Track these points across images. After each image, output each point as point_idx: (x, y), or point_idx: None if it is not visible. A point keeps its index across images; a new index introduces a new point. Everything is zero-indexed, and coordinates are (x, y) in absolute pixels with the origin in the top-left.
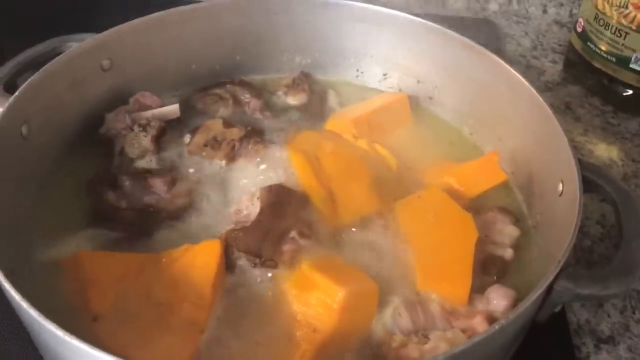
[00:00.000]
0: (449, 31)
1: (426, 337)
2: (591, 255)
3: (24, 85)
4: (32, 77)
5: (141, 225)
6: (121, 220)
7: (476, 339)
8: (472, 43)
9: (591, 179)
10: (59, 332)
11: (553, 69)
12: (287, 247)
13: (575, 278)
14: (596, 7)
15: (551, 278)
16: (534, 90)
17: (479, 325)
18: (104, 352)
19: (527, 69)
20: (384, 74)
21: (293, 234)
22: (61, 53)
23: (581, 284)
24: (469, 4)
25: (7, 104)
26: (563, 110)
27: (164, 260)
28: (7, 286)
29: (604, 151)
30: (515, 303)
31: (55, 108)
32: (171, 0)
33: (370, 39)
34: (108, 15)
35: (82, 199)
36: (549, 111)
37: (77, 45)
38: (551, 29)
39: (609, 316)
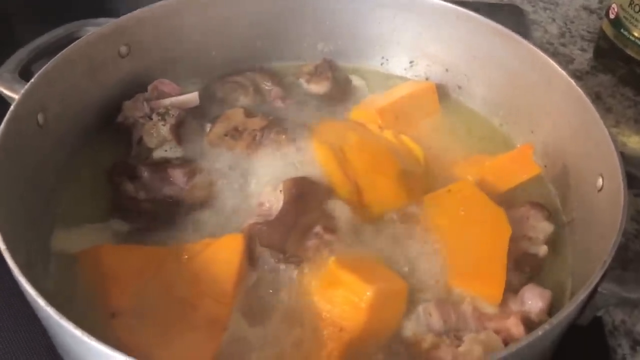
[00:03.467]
0: (479, 17)
1: (458, 339)
2: (626, 253)
3: (39, 72)
4: (48, 64)
5: (160, 217)
6: (140, 212)
7: (516, 346)
8: (504, 29)
9: (634, 174)
10: (77, 332)
11: (582, 57)
12: (311, 243)
13: (621, 280)
14: None
15: (596, 280)
16: (571, 79)
17: (514, 327)
18: (122, 354)
19: (554, 57)
20: (411, 62)
21: (317, 228)
22: (78, 38)
23: (628, 288)
24: None
25: (22, 91)
26: (593, 100)
27: (184, 254)
28: (23, 281)
29: (637, 144)
30: (550, 303)
31: (72, 95)
32: None
33: (396, 25)
34: None
35: (100, 188)
36: (588, 101)
37: (95, 30)
38: (580, 15)
39: None
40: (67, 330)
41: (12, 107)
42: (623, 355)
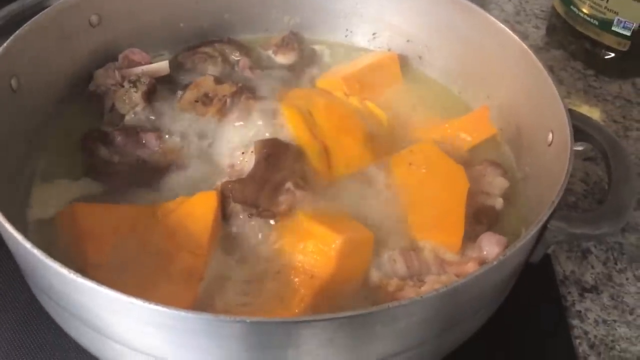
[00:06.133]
0: None
1: (421, 281)
2: (576, 210)
3: (12, 37)
4: (19, 29)
5: (134, 179)
6: (114, 174)
7: (475, 273)
8: (464, 0)
9: (581, 128)
10: (64, 271)
11: (536, 34)
12: (283, 198)
13: (568, 219)
14: None
15: (545, 218)
16: (525, 45)
17: (472, 270)
18: (112, 290)
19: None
20: (374, 34)
21: (289, 185)
22: (49, 7)
23: (574, 224)
24: None
25: None
26: None
27: (159, 212)
28: (8, 227)
29: (587, 113)
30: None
31: (44, 62)
32: None
33: None
34: None
35: (74, 153)
36: (540, 65)
37: None
38: None
39: (592, 267)
40: (54, 271)
41: None
42: (572, 301)
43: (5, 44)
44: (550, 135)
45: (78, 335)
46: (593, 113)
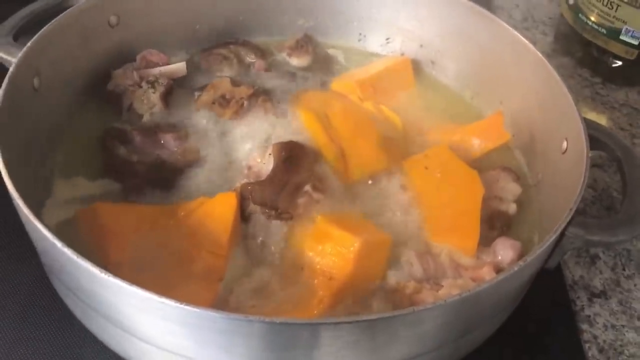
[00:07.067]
0: None
1: (438, 284)
2: (585, 217)
3: (35, 37)
4: (43, 29)
5: (152, 179)
6: (133, 174)
7: (497, 279)
8: (477, 7)
9: (595, 136)
10: (95, 270)
11: (543, 40)
12: (302, 200)
13: (585, 225)
14: None
15: (564, 225)
16: (539, 53)
17: (488, 275)
18: (141, 289)
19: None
20: (387, 39)
21: (307, 187)
22: (71, 7)
23: (591, 231)
24: None
25: (20, 55)
26: None
27: (180, 212)
28: (38, 225)
29: (594, 120)
30: (521, 254)
31: (65, 62)
32: None
33: (373, 2)
34: None
35: (93, 152)
36: (554, 72)
37: None
38: (541, 2)
39: (601, 272)
40: (80, 268)
41: (11, 69)
42: (582, 306)
43: (29, 44)
44: (565, 143)
45: (103, 333)
46: (600, 120)
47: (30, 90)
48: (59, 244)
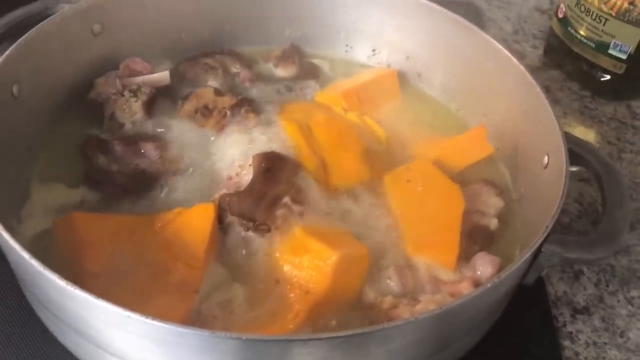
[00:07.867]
0: (439, 7)
1: (415, 300)
2: (570, 231)
3: (16, 43)
4: (24, 36)
5: (132, 189)
6: (113, 183)
7: (469, 295)
8: (463, 20)
9: (576, 151)
10: (62, 282)
11: (533, 53)
12: (280, 212)
13: (562, 243)
14: None
15: (540, 241)
16: (523, 67)
17: (466, 290)
18: (109, 303)
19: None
20: (374, 50)
21: (286, 199)
22: (53, 14)
23: (569, 249)
24: None
25: None
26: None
27: (157, 222)
28: (7, 237)
29: (582, 134)
30: (500, 270)
31: (47, 69)
32: None
33: (360, 13)
34: None
35: (73, 161)
36: (537, 87)
37: (69, 7)
38: (532, 15)
39: (584, 288)
40: (51, 282)
41: None
42: (564, 322)
43: (8, 51)
44: (546, 158)
45: (75, 347)
46: (588, 134)
47: (9, 98)
48: (26, 255)
